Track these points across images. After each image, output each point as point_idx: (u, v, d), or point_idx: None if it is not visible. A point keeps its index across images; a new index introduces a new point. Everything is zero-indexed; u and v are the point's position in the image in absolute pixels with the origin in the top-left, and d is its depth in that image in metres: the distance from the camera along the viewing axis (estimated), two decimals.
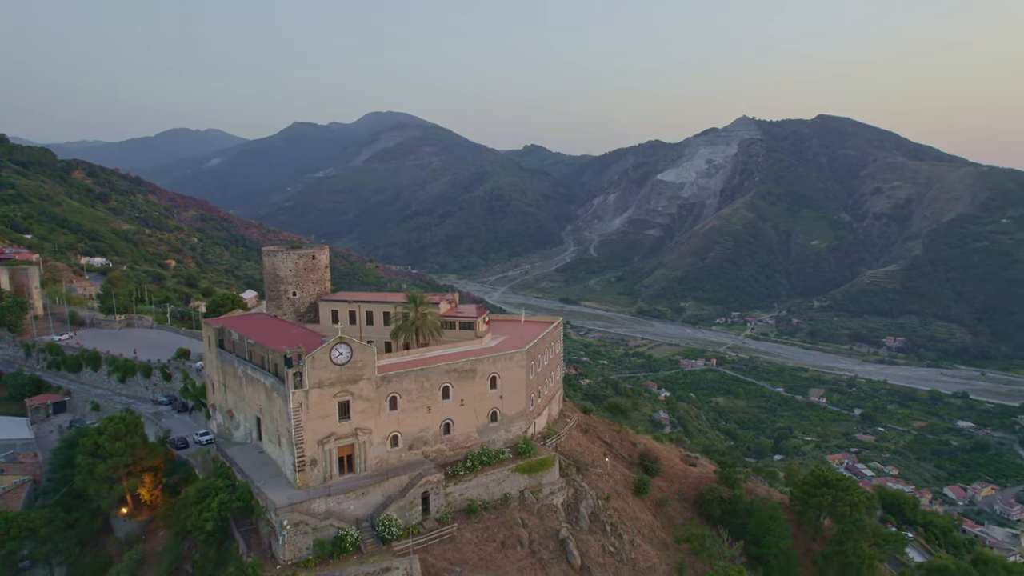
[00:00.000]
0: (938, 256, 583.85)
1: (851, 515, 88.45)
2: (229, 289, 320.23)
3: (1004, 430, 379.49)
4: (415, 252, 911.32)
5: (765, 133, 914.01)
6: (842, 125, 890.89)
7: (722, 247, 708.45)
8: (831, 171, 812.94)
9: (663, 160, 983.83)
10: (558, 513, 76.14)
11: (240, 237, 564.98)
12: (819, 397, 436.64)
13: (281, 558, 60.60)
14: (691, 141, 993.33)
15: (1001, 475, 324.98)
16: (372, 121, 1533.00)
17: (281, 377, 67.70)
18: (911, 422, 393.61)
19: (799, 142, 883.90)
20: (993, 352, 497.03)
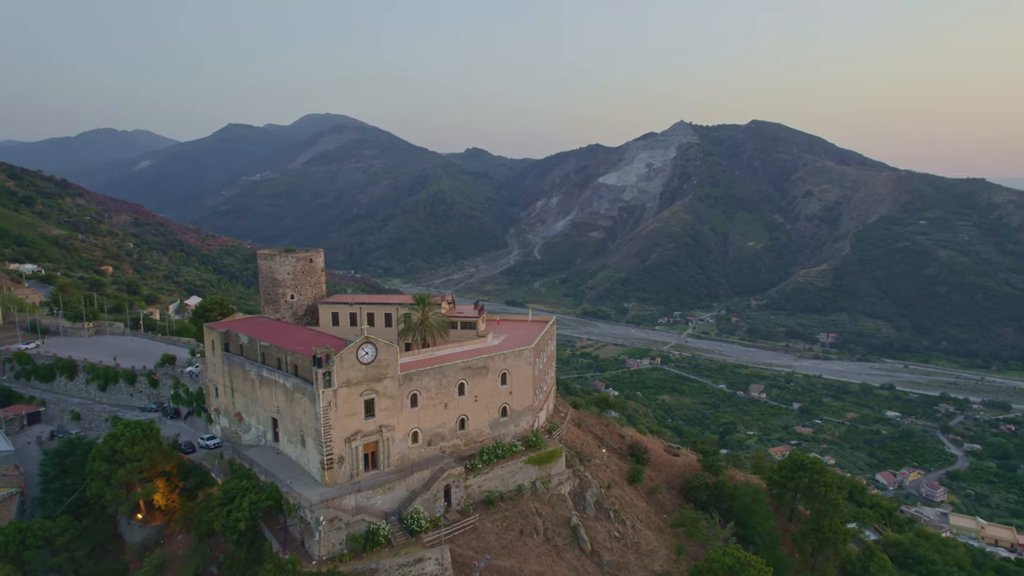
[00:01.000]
0: (865, 256, 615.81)
1: (826, 495, 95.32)
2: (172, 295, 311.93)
3: (927, 418, 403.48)
4: (358, 256, 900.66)
5: (702, 137, 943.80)
6: (774, 130, 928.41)
7: (663, 249, 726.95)
8: (765, 174, 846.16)
9: (604, 163, 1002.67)
10: (567, 502, 79.90)
11: (178, 242, 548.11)
12: (759, 392, 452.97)
13: (316, 554, 62.13)
14: (631, 145, 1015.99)
15: (925, 460, 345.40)
16: (310, 123, 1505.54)
17: (304, 378, 69.09)
18: (845, 414, 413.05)
19: (734, 146, 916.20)
20: (915, 346, 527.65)
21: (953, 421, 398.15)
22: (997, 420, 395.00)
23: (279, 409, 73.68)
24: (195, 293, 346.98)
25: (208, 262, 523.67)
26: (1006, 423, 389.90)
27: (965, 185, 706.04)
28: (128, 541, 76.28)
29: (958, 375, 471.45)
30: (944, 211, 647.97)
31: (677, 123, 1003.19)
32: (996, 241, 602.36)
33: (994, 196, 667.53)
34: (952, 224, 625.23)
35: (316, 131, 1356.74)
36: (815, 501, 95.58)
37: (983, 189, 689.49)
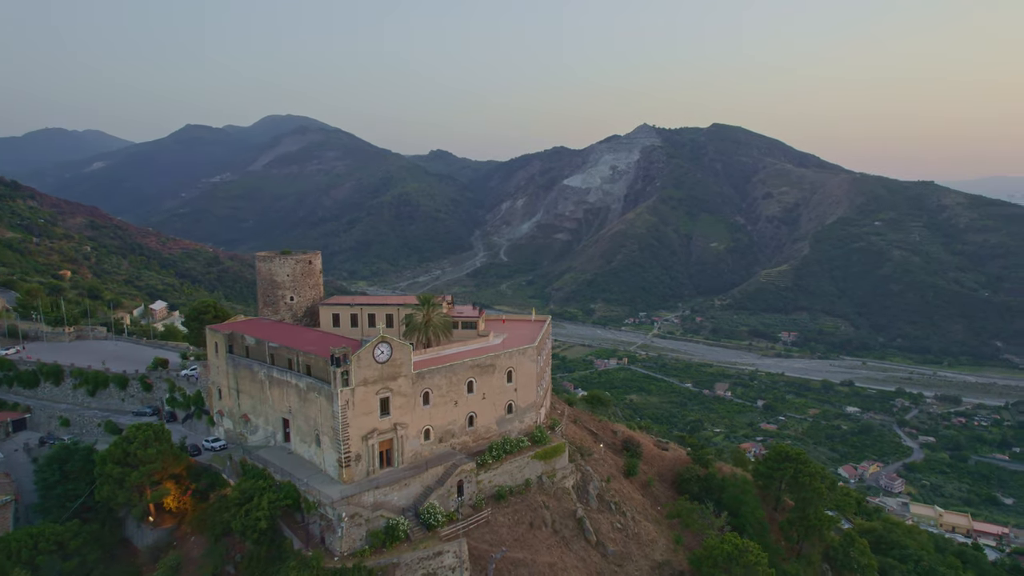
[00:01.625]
0: (823, 256, 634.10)
1: (811, 485, 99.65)
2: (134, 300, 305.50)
3: (884, 413, 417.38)
4: (322, 259, 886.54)
5: (665, 140, 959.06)
6: (735, 133, 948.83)
7: (628, 250, 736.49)
8: (726, 177, 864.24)
9: (568, 166, 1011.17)
10: (571, 495, 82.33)
11: (137, 245, 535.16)
12: (725, 391, 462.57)
13: (337, 550, 63.29)
14: (595, 148, 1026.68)
15: (884, 453, 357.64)
16: (271, 124, 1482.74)
17: (318, 377, 70.13)
18: (807, 410, 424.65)
19: (696, 149, 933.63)
20: (872, 343, 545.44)
21: (909, 415, 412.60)
22: (949, 413, 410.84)
23: (291, 409, 74.47)
24: (158, 297, 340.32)
25: (169, 266, 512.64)
26: (957, 416, 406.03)
27: (916, 187, 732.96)
28: (137, 545, 76.09)
29: (912, 371, 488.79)
30: (897, 212, 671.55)
31: (640, 126, 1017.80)
32: (945, 241, 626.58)
33: (943, 198, 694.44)
34: (904, 225, 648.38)
35: (277, 132, 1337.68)
36: (801, 491, 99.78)
37: (932, 191, 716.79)
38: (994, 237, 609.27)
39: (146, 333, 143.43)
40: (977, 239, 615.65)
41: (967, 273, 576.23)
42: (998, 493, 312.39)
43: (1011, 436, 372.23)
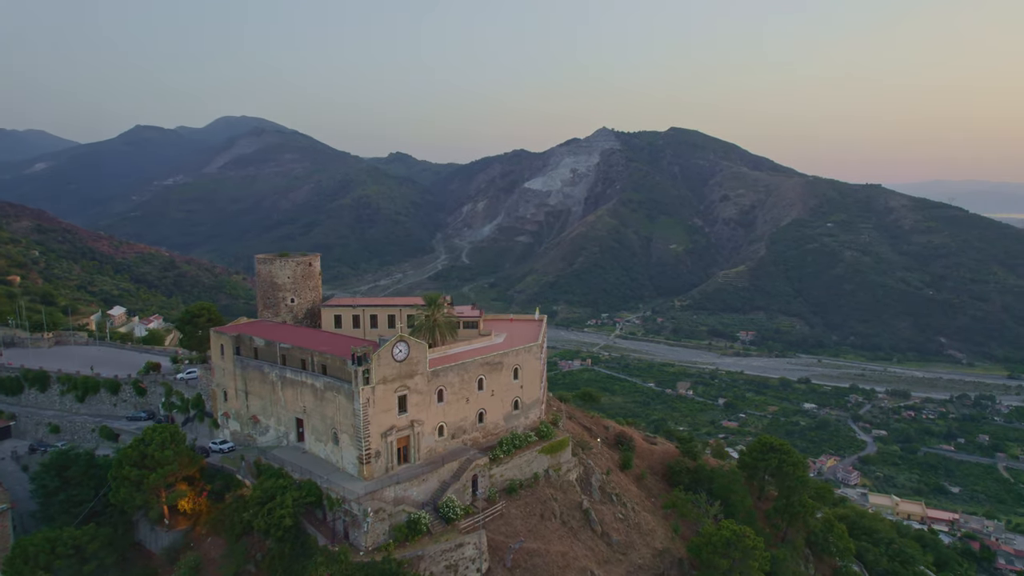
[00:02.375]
0: (779, 257, 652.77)
1: (794, 473, 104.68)
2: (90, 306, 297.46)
3: (840, 409, 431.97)
4: None
5: (624, 144, 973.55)
6: (692, 137, 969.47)
7: (589, 252, 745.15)
8: (684, 180, 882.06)
9: (529, 169, 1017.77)
10: (575, 487, 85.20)
11: (88, 250, 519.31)
12: (686, 389, 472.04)
13: (362, 544, 64.77)
14: (555, 151, 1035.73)
15: (840, 447, 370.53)
16: (225, 126, 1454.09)
17: (336, 376, 71.42)
18: (766, 407, 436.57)
19: (655, 152, 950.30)
20: (826, 341, 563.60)
21: (862, 410, 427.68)
22: (899, 408, 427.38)
23: (305, 409, 75.49)
24: (114, 303, 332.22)
25: (123, 270, 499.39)
26: (907, 410, 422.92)
27: (865, 190, 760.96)
28: (149, 548, 75.93)
29: (864, 367, 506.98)
30: (848, 215, 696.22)
31: (600, 129, 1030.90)
32: (892, 242, 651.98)
33: (890, 200, 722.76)
34: (855, 227, 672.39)
35: (232, 134, 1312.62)
36: (785, 479, 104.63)
37: (880, 194, 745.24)
38: (937, 238, 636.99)
39: (129, 338, 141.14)
40: (922, 240, 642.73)
41: (913, 273, 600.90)
42: (945, 483, 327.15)
43: (955, 428, 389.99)
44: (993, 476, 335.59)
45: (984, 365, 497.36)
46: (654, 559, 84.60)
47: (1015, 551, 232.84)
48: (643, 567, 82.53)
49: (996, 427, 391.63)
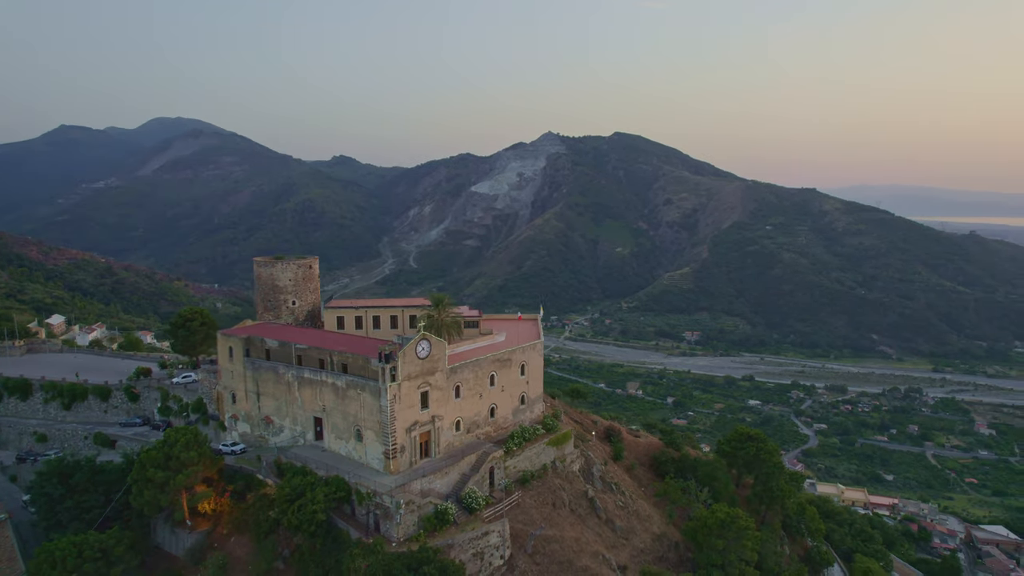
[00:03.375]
0: (721, 259, 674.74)
1: (771, 460, 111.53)
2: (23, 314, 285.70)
3: (782, 404, 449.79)
4: (222, 268, 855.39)
5: (569, 148, 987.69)
6: (635, 142, 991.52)
7: (537, 255, 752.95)
8: (628, 184, 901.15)
9: (475, 172, 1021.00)
10: (579, 478, 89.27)
11: (16, 256, 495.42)
12: (636, 389, 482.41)
13: (394, 536, 67.09)
14: (501, 155, 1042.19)
15: (784, 442, 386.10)
16: (160, 127, 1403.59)
17: (358, 375, 73.44)
18: (713, 405, 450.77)
19: (599, 157, 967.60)
20: (768, 340, 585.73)
21: (804, 405, 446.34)
22: (837, 402, 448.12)
23: (325, 408, 77.10)
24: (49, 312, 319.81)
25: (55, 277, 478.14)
26: (844, 404, 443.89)
27: (801, 194, 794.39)
28: (168, 550, 75.94)
29: (804, 364, 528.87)
30: (785, 217, 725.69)
31: (545, 134, 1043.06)
32: (827, 244, 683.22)
33: (823, 204, 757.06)
34: (792, 229, 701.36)
35: (167, 136, 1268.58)
36: (762, 466, 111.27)
37: (815, 198, 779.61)
38: (867, 240, 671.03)
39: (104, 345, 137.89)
40: (853, 242, 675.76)
41: (846, 273, 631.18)
42: (881, 471, 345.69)
43: (888, 420, 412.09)
44: (923, 464, 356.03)
45: (912, 360, 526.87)
46: (653, 543, 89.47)
47: (948, 530, 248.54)
48: (644, 551, 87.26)
49: (924, 418, 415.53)
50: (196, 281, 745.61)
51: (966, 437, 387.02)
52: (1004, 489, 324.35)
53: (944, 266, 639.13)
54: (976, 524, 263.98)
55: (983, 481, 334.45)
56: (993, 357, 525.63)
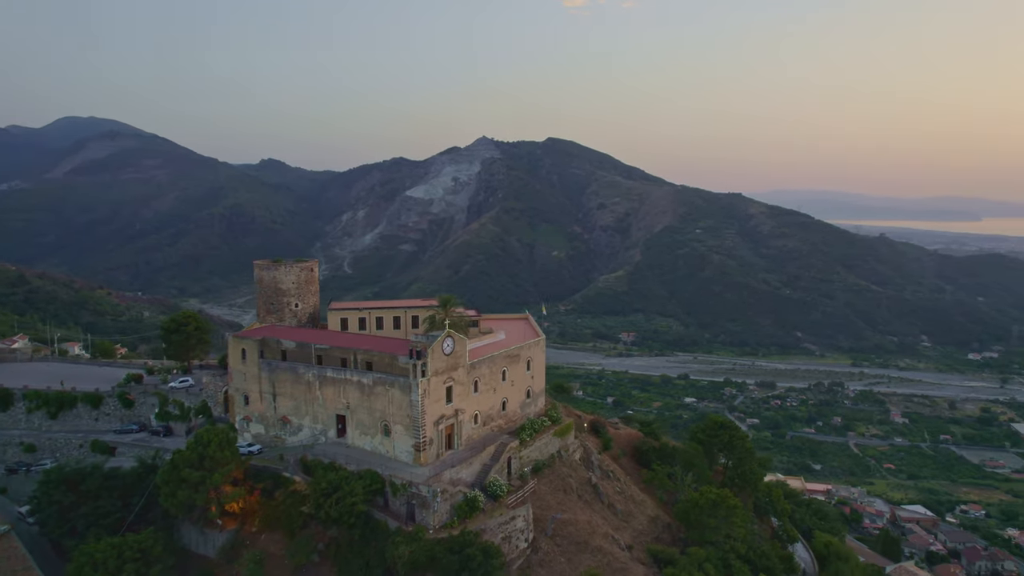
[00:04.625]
0: (654, 261, 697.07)
1: (743, 445, 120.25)
2: None
3: (717, 401, 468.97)
4: (145, 276, 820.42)
5: (504, 153, 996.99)
6: (568, 147, 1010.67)
7: (475, 260, 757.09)
8: (562, 188, 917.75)
9: (410, 177, 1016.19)
10: (581, 466, 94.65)
11: None
12: (576, 390, 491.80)
13: (430, 524, 70.55)
14: (436, 159, 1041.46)
15: None
16: (70, 127, 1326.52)
17: (385, 372, 76.41)
18: (651, 403, 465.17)
19: (533, 162, 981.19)
20: (700, 339, 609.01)
21: (736, 401, 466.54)
22: (768, 397, 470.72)
23: (349, 405, 79.55)
24: None
25: None
26: (774, 399, 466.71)
27: (727, 199, 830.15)
28: (195, 551, 76.48)
29: (735, 362, 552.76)
30: (714, 221, 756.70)
31: (480, 138, 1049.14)
32: (753, 247, 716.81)
33: (749, 208, 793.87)
34: (720, 232, 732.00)
35: (80, 136, 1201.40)
36: (735, 452, 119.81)
37: (741, 202, 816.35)
38: (790, 242, 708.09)
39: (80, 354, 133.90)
40: (777, 244, 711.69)
41: (772, 274, 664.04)
42: (809, 461, 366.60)
43: (814, 413, 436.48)
44: (846, 452, 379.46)
45: (833, 355, 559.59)
46: (649, 525, 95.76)
47: (876, 511, 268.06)
48: (643, 532, 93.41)
49: (846, 410, 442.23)
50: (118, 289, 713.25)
51: (883, 426, 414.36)
52: (917, 473, 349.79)
53: (859, 267, 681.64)
54: (898, 505, 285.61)
55: (899, 466, 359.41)
56: (904, 351, 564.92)
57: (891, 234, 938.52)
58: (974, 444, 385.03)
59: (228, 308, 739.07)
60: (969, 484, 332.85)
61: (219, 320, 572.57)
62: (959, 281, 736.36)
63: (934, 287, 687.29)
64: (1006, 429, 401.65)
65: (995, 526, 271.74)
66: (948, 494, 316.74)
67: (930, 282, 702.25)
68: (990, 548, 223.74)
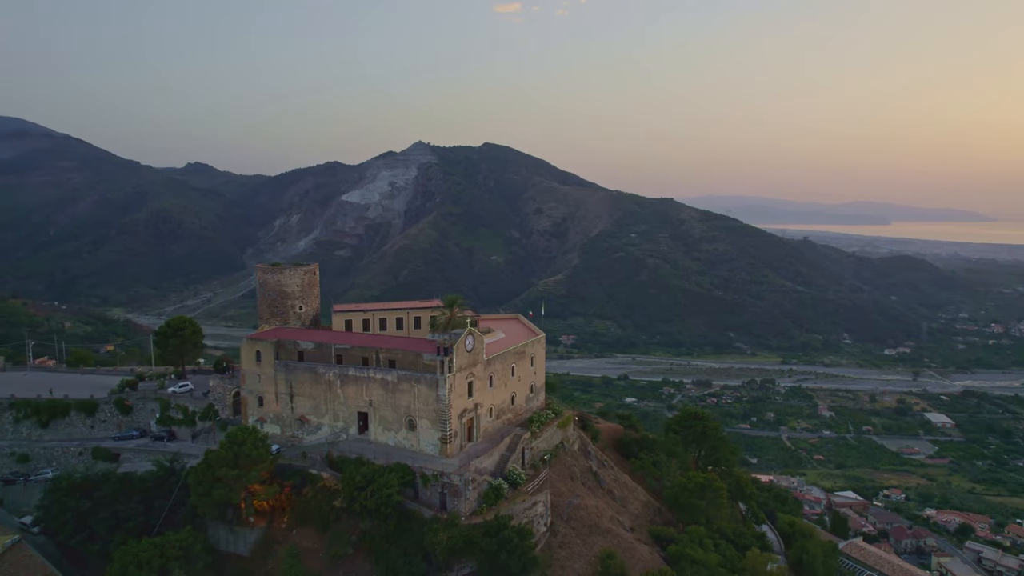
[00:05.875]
0: (591, 265, 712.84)
1: (715, 434, 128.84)
2: None
3: (656, 400, 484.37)
4: (62, 285, 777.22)
5: (440, 158, 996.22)
6: (504, 153, 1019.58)
7: (414, 265, 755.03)
8: (500, 193, 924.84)
9: (345, 181, 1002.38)
10: (580, 456, 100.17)
11: None
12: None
13: (462, 511, 74.41)
14: (371, 164, 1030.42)
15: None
16: None
17: (409, 369, 79.82)
18: (594, 404, 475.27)
19: (470, 167, 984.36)
20: (637, 340, 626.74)
21: (675, 400, 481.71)
22: (704, 395, 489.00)
23: (372, 402, 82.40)
24: None
25: None
26: (710, 397, 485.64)
27: (660, 204, 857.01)
28: (223, 549, 77.42)
29: (672, 362, 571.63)
30: (648, 225, 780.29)
31: (416, 143, 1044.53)
32: (685, 250, 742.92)
33: (681, 213, 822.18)
34: (654, 236, 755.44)
35: None
36: (709, 440, 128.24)
37: (673, 207, 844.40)
38: (721, 246, 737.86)
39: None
40: (709, 247, 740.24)
41: (704, 276, 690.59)
42: (747, 455, 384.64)
43: (749, 409, 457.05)
44: (780, 446, 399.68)
45: (763, 354, 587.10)
46: (643, 509, 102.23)
47: (814, 498, 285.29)
48: (639, 515, 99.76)
49: (778, 405, 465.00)
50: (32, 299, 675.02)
51: (812, 420, 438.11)
52: (844, 462, 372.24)
53: (785, 269, 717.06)
54: (832, 492, 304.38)
55: (828, 456, 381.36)
56: (828, 349, 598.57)
57: (813, 238, 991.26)
58: (892, 433, 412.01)
59: (157, 317, 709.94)
60: (889, 471, 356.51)
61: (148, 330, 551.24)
62: (874, 281, 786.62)
63: (853, 287, 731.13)
64: (920, 419, 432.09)
65: (914, 508, 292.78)
66: (872, 480, 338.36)
67: (849, 283, 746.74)
68: (913, 527, 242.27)
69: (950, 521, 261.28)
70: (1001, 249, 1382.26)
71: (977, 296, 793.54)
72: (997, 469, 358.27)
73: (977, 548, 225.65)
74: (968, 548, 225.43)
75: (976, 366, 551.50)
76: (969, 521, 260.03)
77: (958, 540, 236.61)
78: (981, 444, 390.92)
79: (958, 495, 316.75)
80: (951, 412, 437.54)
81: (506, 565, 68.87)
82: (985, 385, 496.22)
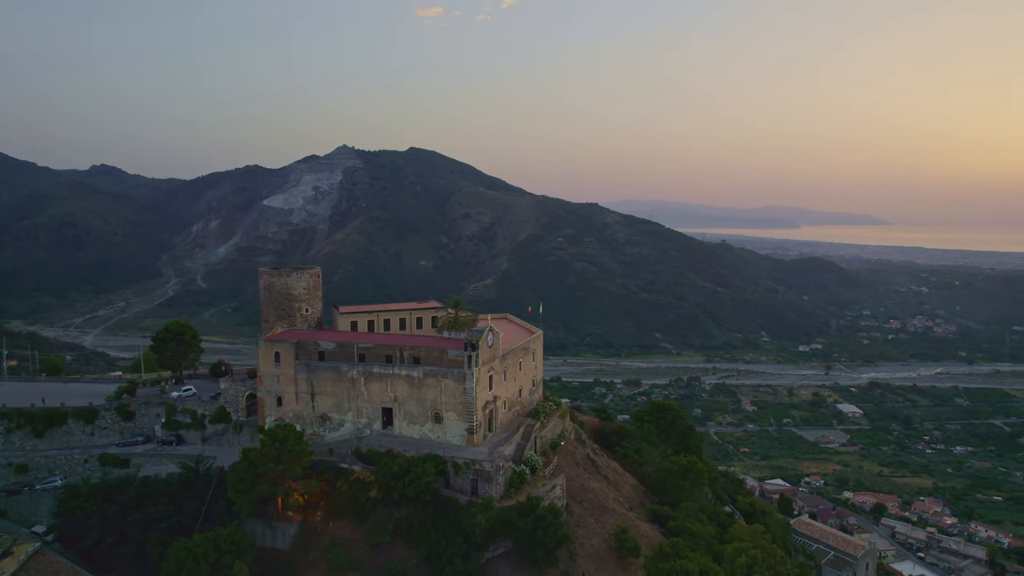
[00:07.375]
0: (522, 269, 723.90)
1: (683, 423, 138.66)
2: None
3: (589, 400, 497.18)
4: None
5: (365, 162, 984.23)
6: (431, 157, 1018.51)
7: (344, 271, 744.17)
8: (427, 198, 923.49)
9: (266, 185, 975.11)
10: (578, 444, 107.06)
11: None
12: None
13: (494, 495, 79.69)
14: (294, 167, 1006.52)
15: None
16: None
17: (434, 364, 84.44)
18: None
19: (396, 171, 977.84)
20: (568, 342, 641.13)
21: (607, 400, 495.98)
22: (634, 394, 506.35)
23: (396, 398, 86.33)
24: None
25: None
26: (641, 396, 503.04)
27: (585, 208, 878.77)
28: (260, 544, 79.18)
29: (601, 363, 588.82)
30: (574, 230, 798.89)
31: (340, 147, 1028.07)
32: (611, 254, 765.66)
33: (605, 217, 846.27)
34: (581, 240, 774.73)
35: None
36: (678, 429, 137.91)
37: (598, 212, 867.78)
38: (644, 249, 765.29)
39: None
40: (633, 251, 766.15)
41: (630, 279, 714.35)
42: None
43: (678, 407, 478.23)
44: (708, 441, 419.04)
45: (688, 353, 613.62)
46: (633, 492, 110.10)
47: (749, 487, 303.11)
48: (631, 497, 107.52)
49: (704, 402, 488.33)
50: None
51: (736, 415, 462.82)
52: (768, 453, 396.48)
53: (705, 271, 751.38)
54: (763, 480, 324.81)
55: (753, 449, 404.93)
56: (747, 347, 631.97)
57: (730, 241, 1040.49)
58: (809, 424, 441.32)
59: (64, 329, 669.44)
60: (809, 459, 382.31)
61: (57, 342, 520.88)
62: (787, 282, 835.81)
63: (768, 288, 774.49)
64: (833, 410, 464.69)
65: (833, 492, 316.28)
66: (795, 469, 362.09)
67: (765, 284, 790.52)
68: (836, 508, 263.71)
69: (866, 502, 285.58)
70: (895, 251, 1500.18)
71: (877, 295, 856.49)
72: (900, 453, 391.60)
73: (891, 524, 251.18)
74: (883, 524, 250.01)
75: (879, 359, 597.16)
76: (882, 501, 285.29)
77: (874, 518, 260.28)
78: (886, 431, 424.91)
79: (870, 478, 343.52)
80: (860, 403, 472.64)
81: (541, 541, 74.79)
82: (888, 376, 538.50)
